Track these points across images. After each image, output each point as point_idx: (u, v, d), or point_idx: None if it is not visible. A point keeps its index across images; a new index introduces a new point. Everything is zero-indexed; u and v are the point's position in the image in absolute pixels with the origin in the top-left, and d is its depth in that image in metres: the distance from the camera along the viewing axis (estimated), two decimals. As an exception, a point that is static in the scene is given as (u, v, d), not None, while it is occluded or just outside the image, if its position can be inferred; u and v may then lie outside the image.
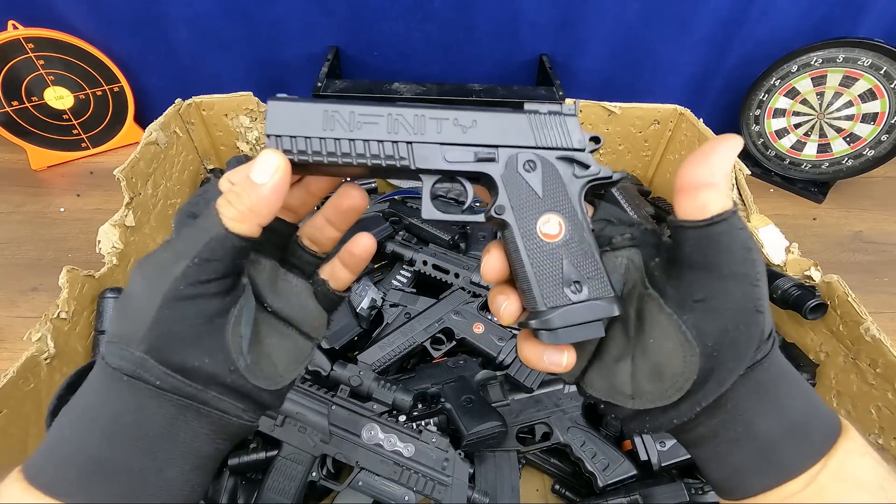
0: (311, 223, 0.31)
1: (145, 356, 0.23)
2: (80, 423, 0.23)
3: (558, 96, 0.94)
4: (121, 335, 0.23)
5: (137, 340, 0.23)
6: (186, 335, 0.23)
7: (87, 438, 0.23)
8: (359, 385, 0.58)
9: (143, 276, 0.24)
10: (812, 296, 0.55)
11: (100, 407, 0.23)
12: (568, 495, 0.59)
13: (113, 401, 0.23)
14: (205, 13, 0.97)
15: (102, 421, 0.23)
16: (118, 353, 0.23)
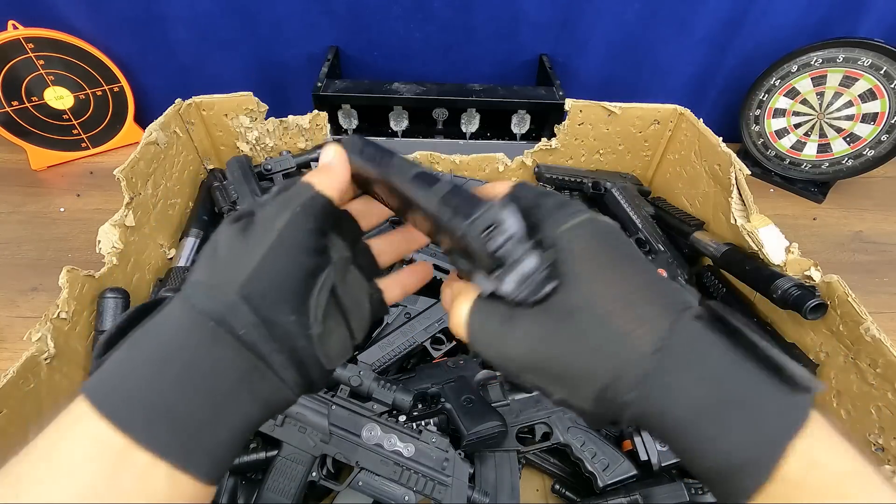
0: (377, 240, 0.34)
1: (239, 301, 0.23)
2: (153, 362, 0.23)
3: (558, 96, 0.94)
4: (213, 283, 0.24)
5: (236, 285, 0.23)
6: (283, 288, 0.24)
7: (160, 379, 0.22)
8: (359, 385, 0.58)
9: (246, 231, 0.25)
10: (812, 296, 0.55)
11: (177, 349, 0.23)
12: (568, 495, 0.59)
13: (192, 345, 0.23)
14: (205, 13, 0.97)
15: (178, 365, 0.22)
16: (208, 296, 0.23)
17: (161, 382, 0.22)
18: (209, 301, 0.23)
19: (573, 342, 0.23)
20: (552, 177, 0.86)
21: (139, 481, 0.21)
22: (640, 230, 0.78)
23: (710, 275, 0.73)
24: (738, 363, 0.22)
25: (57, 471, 0.20)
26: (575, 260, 0.24)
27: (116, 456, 0.21)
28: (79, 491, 0.20)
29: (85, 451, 0.21)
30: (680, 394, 0.22)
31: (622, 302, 0.23)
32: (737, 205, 0.67)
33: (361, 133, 1.01)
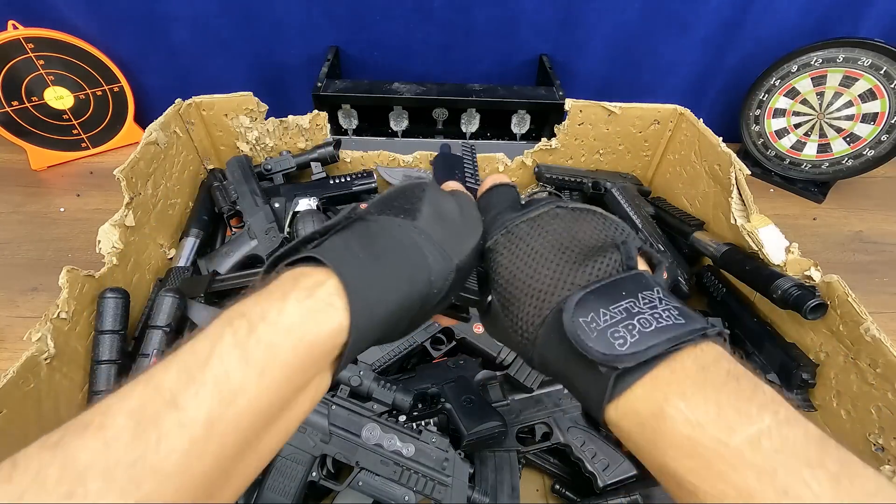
0: None
1: (454, 270, 0.29)
2: (394, 286, 0.26)
3: (558, 96, 0.94)
4: (443, 242, 0.29)
5: (458, 257, 0.29)
6: (468, 274, 0.32)
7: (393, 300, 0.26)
8: (359, 385, 0.58)
9: (464, 216, 0.31)
10: (812, 296, 0.55)
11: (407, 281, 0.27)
12: (568, 495, 0.59)
13: (414, 286, 0.27)
14: (205, 13, 0.97)
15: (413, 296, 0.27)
16: (438, 250, 0.28)
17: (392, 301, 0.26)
18: (437, 255, 0.28)
19: (503, 327, 0.30)
20: (552, 177, 0.86)
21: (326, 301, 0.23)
22: (640, 230, 0.78)
23: (710, 275, 0.73)
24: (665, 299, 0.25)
25: (304, 342, 0.22)
26: (497, 271, 0.30)
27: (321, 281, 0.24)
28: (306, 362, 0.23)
29: (331, 331, 0.23)
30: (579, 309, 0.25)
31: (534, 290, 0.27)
32: (737, 205, 0.67)
33: (361, 133, 1.01)
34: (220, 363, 0.20)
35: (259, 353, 0.21)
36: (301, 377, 0.23)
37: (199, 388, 0.20)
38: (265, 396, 0.21)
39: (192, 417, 0.19)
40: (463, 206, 0.32)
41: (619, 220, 0.30)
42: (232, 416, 0.20)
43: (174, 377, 0.20)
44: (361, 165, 0.89)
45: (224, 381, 0.20)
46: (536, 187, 0.88)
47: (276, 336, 0.22)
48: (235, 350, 0.21)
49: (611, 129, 0.85)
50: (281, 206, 0.80)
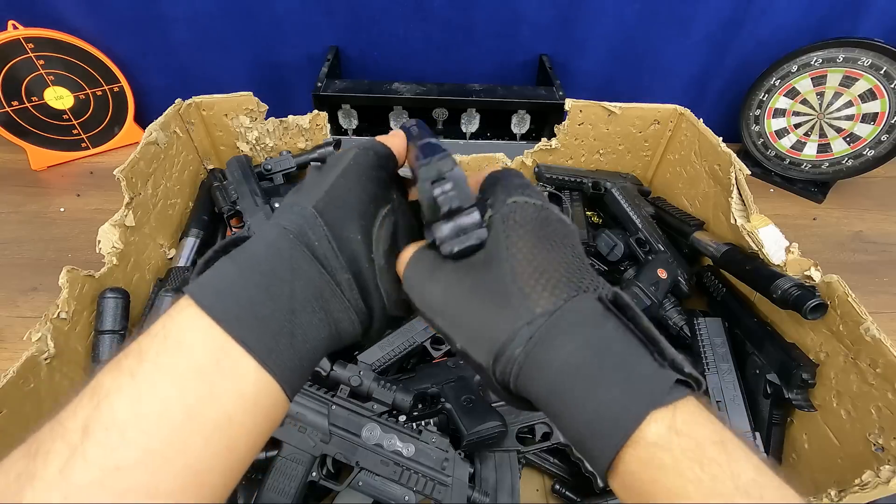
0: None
1: (315, 213, 0.27)
2: (243, 266, 0.25)
3: (558, 96, 0.94)
4: (296, 201, 0.28)
5: (313, 201, 0.27)
6: (350, 206, 0.28)
7: (248, 281, 0.25)
8: (359, 385, 0.58)
9: (322, 168, 0.31)
10: (812, 296, 0.55)
11: (262, 258, 0.26)
12: (568, 495, 0.59)
13: (274, 254, 0.26)
14: (205, 13, 0.97)
15: (263, 268, 0.25)
16: (290, 211, 0.27)
17: (248, 286, 0.25)
18: (291, 215, 0.27)
19: (480, 292, 0.25)
20: (552, 177, 0.86)
21: (234, 370, 0.23)
22: (640, 230, 0.78)
23: (710, 275, 0.73)
24: (622, 339, 0.23)
25: (171, 347, 0.23)
26: (508, 227, 0.26)
27: (214, 344, 0.23)
28: (191, 366, 0.22)
29: (191, 334, 0.23)
30: (560, 353, 0.23)
31: (534, 270, 0.25)
32: (737, 205, 0.67)
33: (361, 133, 1.01)
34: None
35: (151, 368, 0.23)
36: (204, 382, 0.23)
37: (76, 401, 0.22)
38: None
39: (70, 427, 0.21)
40: (341, 151, 0.32)
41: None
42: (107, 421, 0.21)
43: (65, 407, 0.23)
44: (361, 165, 0.89)
45: (98, 390, 0.22)
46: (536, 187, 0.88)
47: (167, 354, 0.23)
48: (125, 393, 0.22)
49: (611, 129, 0.85)
50: (281, 206, 0.80)
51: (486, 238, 0.26)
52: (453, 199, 0.26)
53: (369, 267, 0.28)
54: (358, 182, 0.29)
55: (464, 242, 0.26)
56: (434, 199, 0.26)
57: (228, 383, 0.23)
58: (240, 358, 0.23)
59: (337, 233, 0.27)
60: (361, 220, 0.28)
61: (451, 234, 0.26)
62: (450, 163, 0.26)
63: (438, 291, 0.27)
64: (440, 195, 0.26)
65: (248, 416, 0.23)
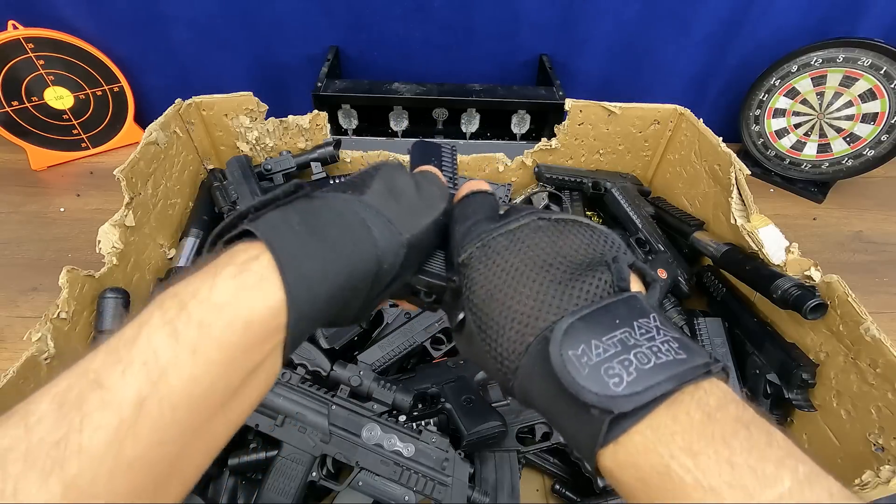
0: None
1: (405, 245, 0.28)
2: (327, 261, 0.24)
3: (558, 96, 0.94)
4: (394, 217, 0.28)
5: (410, 232, 0.28)
6: (423, 252, 0.31)
7: (331, 281, 0.25)
8: (359, 385, 0.58)
9: (422, 193, 0.31)
10: (812, 296, 0.55)
11: (346, 264, 0.25)
12: (568, 495, 0.59)
13: (357, 262, 0.26)
14: (205, 13, 0.97)
15: (342, 279, 0.25)
16: (385, 226, 0.27)
17: (331, 287, 0.24)
18: (385, 231, 0.27)
19: (479, 351, 0.27)
20: (552, 177, 0.86)
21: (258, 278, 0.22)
22: (640, 230, 0.78)
23: (710, 275, 0.73)
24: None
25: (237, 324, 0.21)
26: (472, 289, 0.27)
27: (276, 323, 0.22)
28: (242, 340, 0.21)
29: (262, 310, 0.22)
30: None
31: (514, 313, 0.25)
32: (737, 205, 0.67)
33: (361, 133, 1.01)
34: (148, 342, 0.20)
35: (190, 332, 0.20)
36: (244, 358, 0.22)
37: (125, 367, 0.19)
38: (203, 378, 0.20)
39: (118, 396, 0.18)
40: (421, 182, 0.31)
41: (609, 232, 0.27)
42: (164, 396, 0.19)
43: (100, 359, 0.20)
44: (361, 165, 0.89)
45: (153, 361, 0.19)
46: (536, 187, 0.88)
47: (208, 313, 0.21)
48: (164, 328, 0.20)
49: (611, 129, 0.85)
50: (281, 206, 0.80)
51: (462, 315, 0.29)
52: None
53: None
54: (436, 236, 0.31)
55: (454, 322, 0.31)
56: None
57: (262, 357, 0.23)
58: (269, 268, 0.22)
59: (406, 267, 0.28)
60: (419, 263, 0.31)
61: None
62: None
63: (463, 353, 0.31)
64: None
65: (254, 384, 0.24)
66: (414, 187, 0.30)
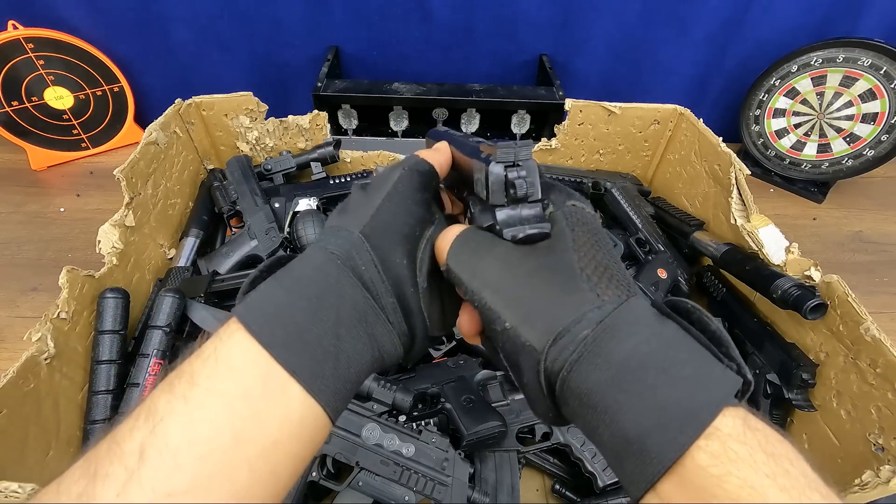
0: None
1: (362, 238, 0.27)
2: (290, 290, 0.26)
3: (558, 96, 0.94)
4: (341, 225, 0.28)
5: (360, 225, 0.28)
6: (396, 230, 0.29)
7: (296, 305, 0.25)
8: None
9: (367, 188, 0.31)
10: (812, 296, 0.55)
11: (308, 281, 0.26)
12: (568, 495, 0.59)
13: (322, 279, 0.26)
14: (205, 13, 0.97)
15: (310, 293, 0.25)
16: (336, 235, 0.28)
17: (295, 310, 0.25)
18: (338, 240, 0.27)
19: (545, 274, 0.25)
20: (552, 177, 0.86)
21: (280, 396, 0.23)
22: (640, 230, 0.78)
23: (710, 275, 0.73)
24: (687, 339, 0.22)
25: (222, 371, 0.23)
26: (571, 224, 0.26)
27: (262, 369, 0.23)
28: (239, 391, 0.23)
29: (240, 359, 0.23)
30: (628, 341, 0.22)
31: (596, 266, 0.25)
32: (737, 205, 0.67)
33: (361, 133, 1.01)
34: (151, 400, 0.23)
35: (182, 384, 0.23)
36: (244, 405, 0.23)
37: (132, 423, 0.22)
38: (199, 423, 0.22)
39: (125, 449, 0.21)
40: (374, 178, 0.31)
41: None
42: (163, 442, 0.21)
43: (123, 416, 0.23)
44: (361, 165, 0.89)
45: (152, 413, 0.22)
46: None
47: (194, 367, 0.23)
48: (162, 387, 0.23)
49: (611, 129, 0.85)
50: (281, 206, 0.80)
51: (549, 230, 0.26)
52: (530, 186, 0.26)
53: (413, 291, 0.29)
54: (403, 205, 0.29)
55: (532, 230, 0.26)
56: (509, 182, 0.26)
57: (275, 408, 0.23)
58: (286, 382, 0.23)
59: (383, 257, 0.27)
60: (407, 244, 0.29)
61: (517, 220, 0.26)
62: (528, 151, 0.27)
63: (495, 267, 0.26)
64: (516, 179, 0.26)
65: (292, 440, 0.24)
66: (359, 189, 0.31)
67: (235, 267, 0.74)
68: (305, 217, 0.75)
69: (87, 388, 0.58)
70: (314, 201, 0.80)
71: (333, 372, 0.25)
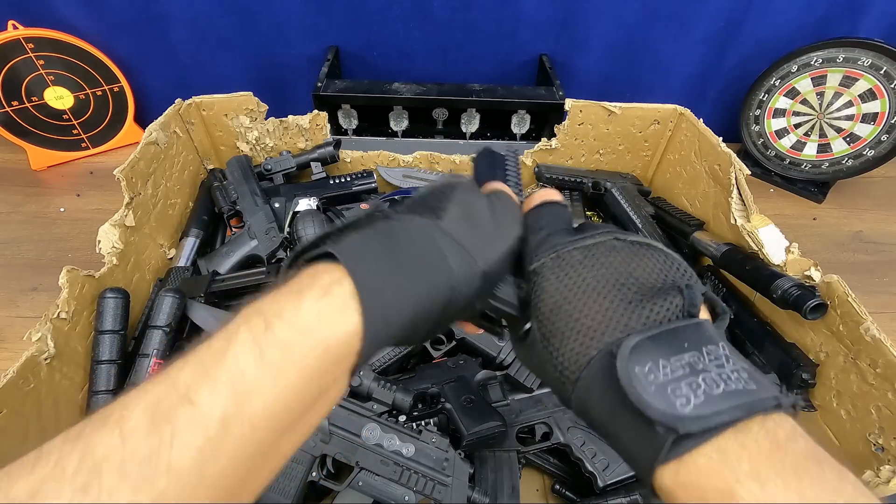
0: None
1: (480, 275, 0.27)
2: (419, 297, 0.25)
3: (558, 96, 0.94)
4: (471, 245, 0.27)
5: (486, 262, 0.27)
6: (496, 282, 0.30)
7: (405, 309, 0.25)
8: (359, 385, 0.58)
9: (498, 218, 0.30)
10: (812, 296, 0.55)
11: (421, 292, 0.25)
12: (568, 495, 0.59)
13: (432, 290, 0.26)
14: (205, 13, 0.97)
15: (418, 306, 0.25)
16: (461, 254, 0.27)
17: (406, 313, 0.25)
18: (461, 260, 0.26)
19: (540, 358, 0.27)
20: (552, 177, 0.86)
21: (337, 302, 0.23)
22: (640, 230, 0.78)
23: (710, 275, 0.73)
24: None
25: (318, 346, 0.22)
26: (542, 297, 0.27)
27: (352, 347, 0.23)
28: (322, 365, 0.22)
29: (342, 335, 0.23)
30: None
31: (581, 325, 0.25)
32: (737, 205, 0.67)
33: (361, 133, 1.01)
34: (236, 361, 0.20)
35: (275, 354, 0.21)
36: (318, 382, 0.22)
37: (213, 384, 0.20)
38: (281, 399, 0.21)
39: (206, 415, 0.19)
40: (497, 206, 0.30)
41: (682, 260, 0.27)
42: (247, 416, 0.20)
43: (190, 373, 0.20)
44: (361, 165, 0.89)
45: (239, 380, 0.20)
46: (536, 187, 0.88)
47: (293, 336, 0.21)
48: (251, 348, 0.21)
49: (611, 129, 0.85)
50: (281, 206, 0.80)
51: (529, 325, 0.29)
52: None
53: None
54: (508, 264, 0.29)
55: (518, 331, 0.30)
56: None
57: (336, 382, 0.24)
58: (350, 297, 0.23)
59: (476, 297, 0.28)
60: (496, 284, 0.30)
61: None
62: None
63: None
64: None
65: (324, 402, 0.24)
66: (489, 213, 0.29)
67: (235, 267, 0.74)
68: (305, 217, 0.75)
69: (87, 388, 0.58)
70: (314, 201, 0.80)
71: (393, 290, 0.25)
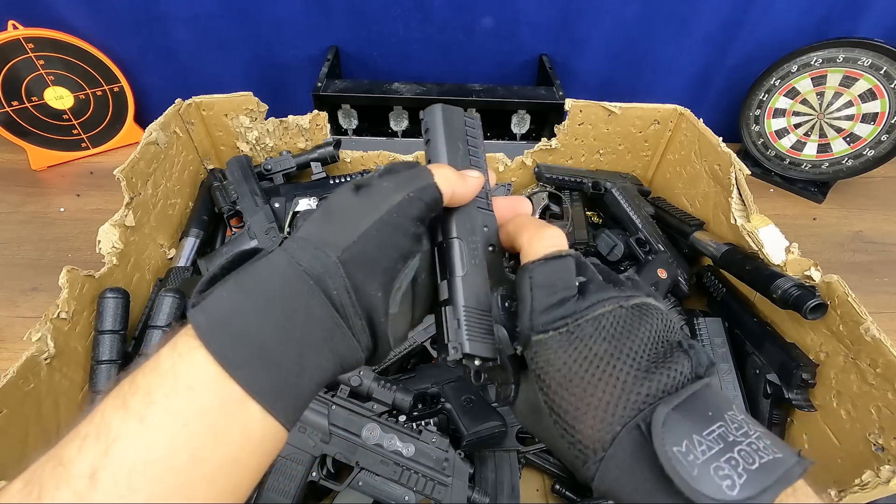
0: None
1: (339, 264, 0.25)
2: (256, 306, 0.24)
3: (558, 96, 0.94)
4: (322, 239, 0.26)
5: (340, 248, 0.26)
6: (377, 263, 0.27)
7: (262, 323, 0.24)
8: (359, 385, 0.58)
9: (364, 195, 0.27)
10: (812, 296, 0.55)
11: (277, 298, 0.25)
12: (568, 495, 0.59)
13: (291, 297, 0.25)
14: (205, 13, 0.97)
15: (277, 312, 0.24)
16: (312, 254, 0.25)
17: (261, 328, 0.24)
18: (313, 260, 0.25)
19: (550, 430, 0.26)
20: (552, 177, 0.86)
21: (240, 414, 0.23)
22: (640, 230, 0.78)
23: (710, 275, 0.73)
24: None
25: (180, 390, 0.22)
26: (547, 370, 0.25)
27: (222, 389, 0.23)
28: (199, 411, 0.22)
29: (200, 378, 0.23)
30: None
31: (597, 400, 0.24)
32: (737, 205, 0.67)
33: (361, 133, 1.01)
34: (101, 416, 0.22)
35: (136, 401, 0.22)
36: (201, 423, 0.22)
37: (80, 441, 0.21)
38: (155, 443, 0.21)
39: (74, 472, 0.20)
40: (373, 183, 0.28)
41: (672, 315, 0.27)
42: (116, 465, 0.21)
43: (63, 440, 0.22)
44: (361, 165, 0.89)
45: (104, 432, 0.21)
46: (536, 187, 0.88)
47: (151, 381, 0.23)
48: (115, 402, 0.22)
49: (611, 129, 0.85)
50: (281, 206, 0.80)
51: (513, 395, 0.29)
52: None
53: (384, 319, 0.28)
54: (392, 239, 0.27)
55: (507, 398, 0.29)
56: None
57: (234, 426, 0.23)
58: (246, 401, 0.23)
59: (357, 286, 0.26)
60: (385, 276, 0.27)
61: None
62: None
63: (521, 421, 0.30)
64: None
65: (252, 456, 0.24)
66: (353, 196, 0.28)
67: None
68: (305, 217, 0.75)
69: (86, 388, 0.58)
70: (314, 201, 0.80)
71: (295, 390, 0.25)
